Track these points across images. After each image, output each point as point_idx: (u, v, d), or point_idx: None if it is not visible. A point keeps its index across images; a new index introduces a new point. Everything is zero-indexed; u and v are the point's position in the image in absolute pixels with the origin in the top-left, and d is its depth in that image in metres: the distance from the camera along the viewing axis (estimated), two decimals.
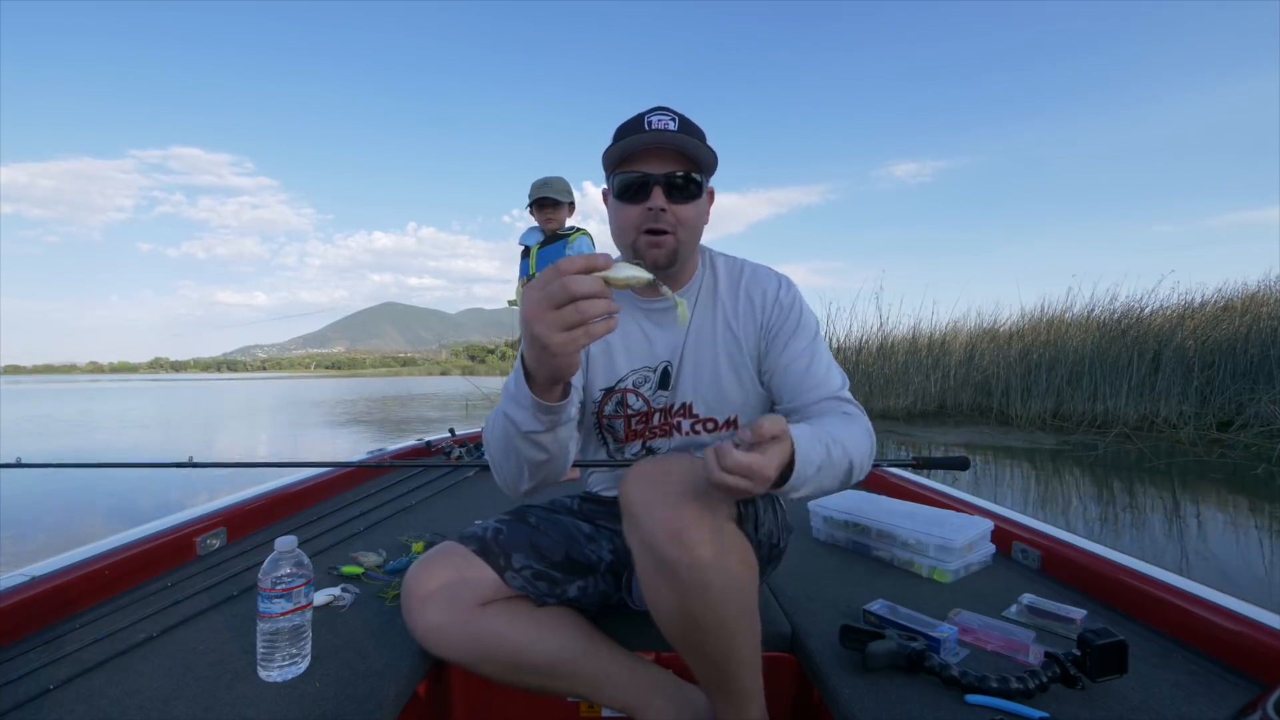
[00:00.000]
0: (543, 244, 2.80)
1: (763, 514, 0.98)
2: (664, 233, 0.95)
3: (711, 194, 1.04)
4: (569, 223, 2.89)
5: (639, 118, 0.96)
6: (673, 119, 0.95)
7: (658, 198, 0.93)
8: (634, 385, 1.05)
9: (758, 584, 0.84)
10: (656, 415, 1.06)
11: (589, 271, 0.64)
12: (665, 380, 1.05)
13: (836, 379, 1.01)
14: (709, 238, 1.14)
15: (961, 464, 1.27)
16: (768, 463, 0.68)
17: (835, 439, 0.84)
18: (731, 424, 1.05)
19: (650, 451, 1.08)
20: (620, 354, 1.05)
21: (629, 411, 1.06)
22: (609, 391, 1.06)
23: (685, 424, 1.06)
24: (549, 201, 2.75)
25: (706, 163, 0.96)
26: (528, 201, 2.80)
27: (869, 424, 0.96)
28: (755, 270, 1.09)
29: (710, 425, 1.05)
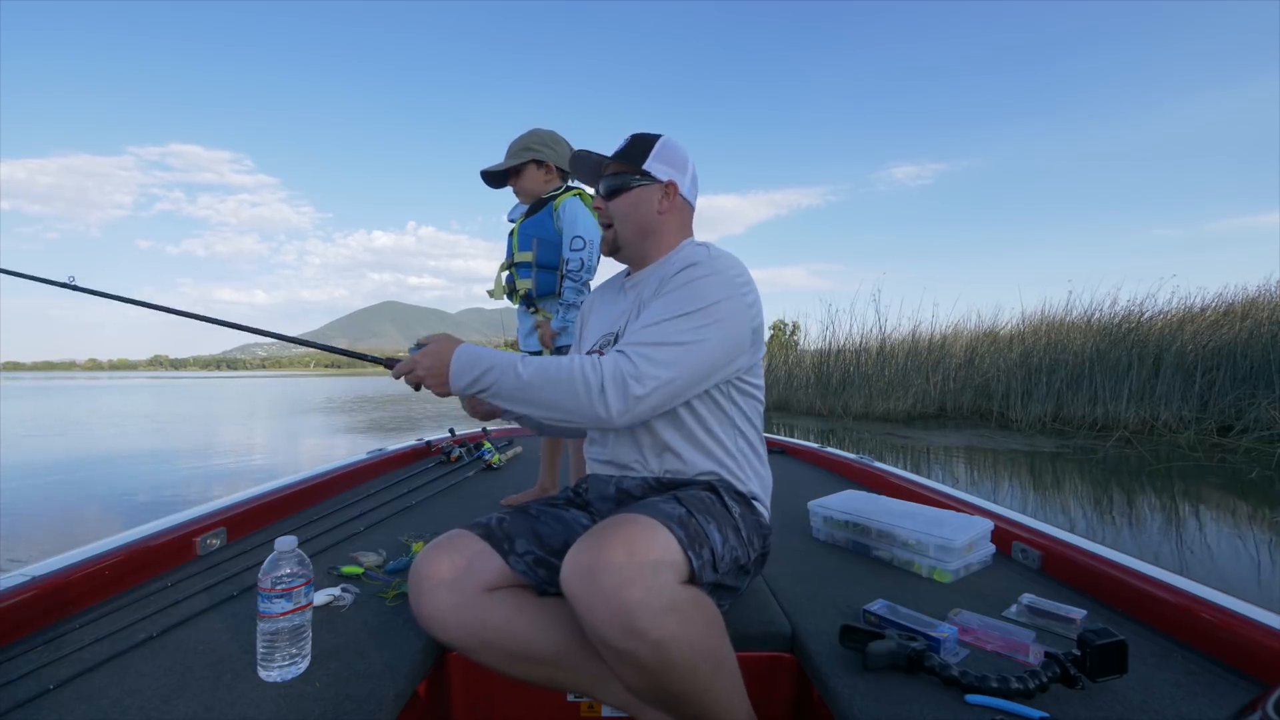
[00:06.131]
0: (524, 216, 2.01)
1: (720, 547, 0.93)
2: (607, 225, 1.19)
3: (671, 190, 1.15)
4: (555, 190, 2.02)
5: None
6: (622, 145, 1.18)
7: (598, 199, 1.19)
8: (600, 347, 1.22)
9: (723, 625, 0.87)
10: None
11: None
12: (615, 344, 1.19)
13: (652, 335, 0.96)
14: (709, 238, 1.28)
15: None
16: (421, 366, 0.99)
17: (538, 366, 0.94)
18: None
19: None
20: (603, 320, 1.25)
21: None
22: (589, 354, 1.19)
23: None
24: (513, 168, 1.95)
25: (630, 165, 1.14)
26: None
27: (618, 373, 0.91)
28: (695, 251, 1.10)
29: None
